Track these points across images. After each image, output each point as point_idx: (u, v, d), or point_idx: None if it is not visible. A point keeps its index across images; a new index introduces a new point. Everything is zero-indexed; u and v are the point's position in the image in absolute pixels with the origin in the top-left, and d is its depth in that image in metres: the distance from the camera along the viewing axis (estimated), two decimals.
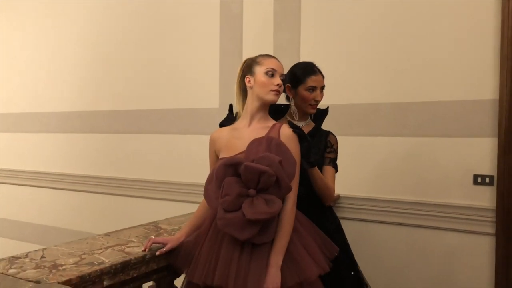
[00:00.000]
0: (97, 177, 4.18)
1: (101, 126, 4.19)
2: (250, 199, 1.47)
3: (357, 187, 2.99)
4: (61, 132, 4.46)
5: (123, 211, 3.95)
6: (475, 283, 2.64)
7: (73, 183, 4.34)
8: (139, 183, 3.92)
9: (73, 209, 4.32)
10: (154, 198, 3.80)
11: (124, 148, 4.06)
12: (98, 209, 4.14)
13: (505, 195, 2.51)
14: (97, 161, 4.22)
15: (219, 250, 1.52)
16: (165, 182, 3.78)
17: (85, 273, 1.30)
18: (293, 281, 1.52)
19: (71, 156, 4.40)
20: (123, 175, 4.03)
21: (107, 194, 4.11)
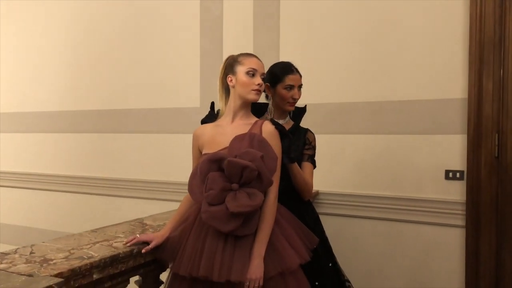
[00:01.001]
0: (80, 177, 4.17)
1: (85, 126, 4.18)
2: (233, 193, 1.54)
3: (335, 183, 3.09)
4: (45, 132, 4.43)
5: (107, 211, 3.96)
6: (447, 273, 2.78)
7: (57, 184, 4.31)
8: (122, 183, 3.94)
9: (57, 210, 4.29)
10: (137, 197, 3.82)
11: (107, 148, 4.07)
12: (81, 209, 4.12)
13: (474, 189, 2.65)
14: (81, 161, 4.21)
15: (203, 243, 1.59)
16: (148, 181, 3.81)
17: (75, 267, 1.34)
18: (275, 271, 1.59)
19: (55, 157, 4.37)
20: (106, 174, 4.04)
21: (91, 194, 4.10)
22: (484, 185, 2.63)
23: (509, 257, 2.60)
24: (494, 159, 2.62)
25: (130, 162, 3.95)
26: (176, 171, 3.59)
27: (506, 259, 2.61)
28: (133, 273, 1.68)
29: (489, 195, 2.63)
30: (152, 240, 1.66)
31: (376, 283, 2.97)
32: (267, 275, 1.58)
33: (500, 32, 2.63)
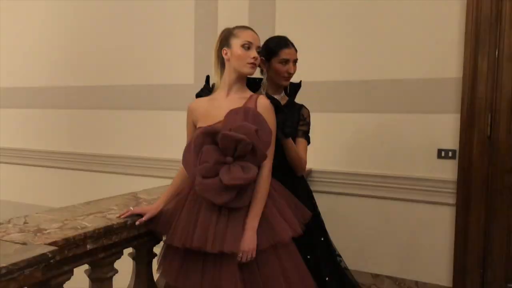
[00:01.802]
0: (70, 153, 4.16)
1: (75, 102, 4.15)
2: (227, 166, 1.54)
3: (329, 161, 3.11)
4: (33, 108, 4.39)
5: (98, 187, 3.96)
6: (437, 249, 2.83)
7: (45, 160, 4.30)
8: (114, 159, 3.93)
9: (48, 186, 4.29)
10: (129, 174, 3.82)
11: (98, 124, 4.05)
12: (73, 186, 4.13)
13: (466, 168, 2.68)
14: (70, 137, 4.19)
15: (197, 215, 1.60)
16: (140, 158, 3.80)
17: (69, 236, 1.35)
18: (268, 243, 1.61)
19: (44, 132, 4.34)
20: (99, 151, 4.03)
21: (84, 171, 4.10)
22: (476, 164, 2.66)
23: (497, 235, 2.65)
24: (486, 139, 2.64)
25: (123, 138, 3.93)
26: (169, 148, 3.59)
27: (494, 237, 2.66)
28: (127, 245, 1.69)
29: (480, 174, 2.66)
30: (146, 213, 1.67)
31: (367, 259, 3.03)
32: (260, 247, 1.60)
33: (497, 11, 2.61)
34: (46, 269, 1.32)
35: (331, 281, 1.93)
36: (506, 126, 2.60)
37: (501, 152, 2.62)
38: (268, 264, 1.62)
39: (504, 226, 2.64)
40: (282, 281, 1.61)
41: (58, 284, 1.41)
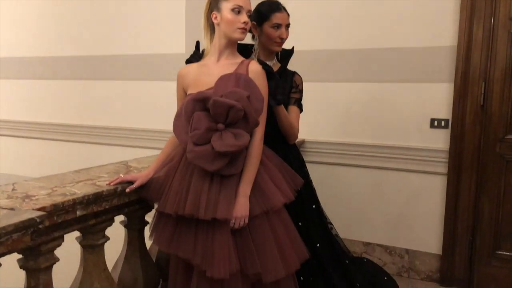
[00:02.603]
0: (60, 124, 4.11)
1: (64, 72, 4.07)
2: (219, 133, 1.52)
3: (322, 131, 3.10)
4: (22, 79, 4.30)
5: (89, 159, 3.93)
6: (428, 218, 2.87)
7: (35, 131, 4.25)
8: (105, 130, 3.89)
9: (36, 158, 4.25)
10: (120, 145, 3.80)
11: (88, 95, 3.99)
12: (62, 157, 4.09)
13: (458, 137, 2.68)
14: (60, 108, 4.14)
15: (189, 182, 1.58)
16: (131, 129, 3.77)
17: (58, 202, 1.33)
18: (260, 210, 1.61)
19: (33, 103, 4.28)
20: (87, 122, 3.98)
21: (72, 142, 4.06)
22: (468, 134, 2.67)
23: (487, 203, 2.68)
24: (479, 108, 2.64)
25: (114, 109, 3.88)
26: (161, 119, 3.55)
27: (484, 206, 2.69)
28: (118, 212, 1.68)
29: (472, 144, 2.67)
30: (136, 180, 1.65)
31: (359, 228, 3.06)
32: (252, 213, 1.60)
33: None
34: (36, 234, 1.32)
35: (322, 247, 1.95)
36: (499, 95, 2.59)
37: (494, 121, 2.62)
38: (261, 230, 1.62)
39: (494, 195, 2.66)
40: (274, 247, 1.62)
41: (49, 250, 1.41)
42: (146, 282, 1.89)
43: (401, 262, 2.97)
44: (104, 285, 1.66)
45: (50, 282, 1.45)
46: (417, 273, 2.93)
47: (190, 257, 1.58)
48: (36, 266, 1.39)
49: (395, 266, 2.98)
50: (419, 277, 2.92)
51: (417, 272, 2.93)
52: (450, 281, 2.81)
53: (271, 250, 1.62)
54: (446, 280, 2.81)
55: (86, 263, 1.65)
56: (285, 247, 1.66)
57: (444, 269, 2.82)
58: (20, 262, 1.40)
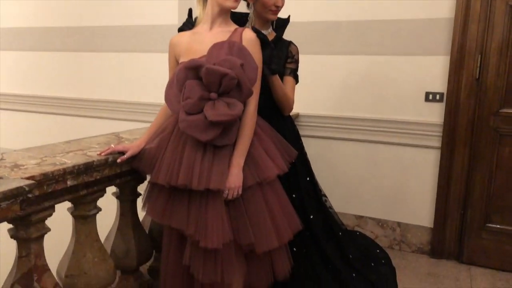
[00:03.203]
0: (49, 97, 4.04)
1: (55, 44, 3.97)
2: (211, 102, 1.49)
3: (316, 105, 3.08)
4: (11, 50, 4.20)
5: (80, 132, 3.85)
6: (421, 191, 2.88)
7: (24, 104, 4.18)
8: (96, 103, 3.84)
9: (25, 131, 4.18)
10: (112, 119, 3.75)
11: (79, 67, 3.91)
12: (51, 130, 4.03)
13: (452, 111, 2.67)
14: (50, 80, 4.06)
15: (182, 152, 1.56)
16: (123, 102, 3.72)
17: (48, 171, 1.31)
18: (253, 181, 1.60)
19: (22, 75, 4.19)
20: (78, 95, 3.92)
21: (62, 115, 4.00)
22: (463, 107, 2.65)
23: (479, 177, 2.70)
24: (475, 81, 2.62)
25: (105, 82, 3.82)
26: (154, 92, 3.50)
27: (476, 180, 2.71)
28: (109, 183, 1.66)
29: (466, 117, 2.66)
30: (127, 150, 1.62)
31: (352, 202, 3.08)
32: (245, 184, 1.59)
33: None
34: (26, 204, 1.30)
35: (315, 219, 1.95)
36: (495, 68, 2.57)
37: (489, 95, 2.60)
38: (254, 201, 1.62)
39: (486, 169, 2.67)
40: (267, 218, 1.62)
41: (40, 220, 1.39)
42: (139, 253, 1.89)
43: (392, 235, 3.00)
44: (97, 255, 1.66)
45: (41, 252, 1.44)
46: (408, 246, 2.96)
47: (183, 227, 1.57)
48: (27, 236, 1.38)
49: (387, 239, 3.01)
50: (410, 249, 2.96)
51: (408, 245, 2.96)
52: (441, 253, 2.85)
53: (264, 221, 1.61)
54: (437, 253, 2.85)
55: (78, 234, 1.64)
56: (278, 218, 1.65)
57: (435, 241, 2.85)
58: (10, 232, 1.39)
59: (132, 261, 1.88)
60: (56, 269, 1.65)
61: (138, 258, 1.89)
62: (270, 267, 1.72)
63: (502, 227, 2.68)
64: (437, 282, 2.57)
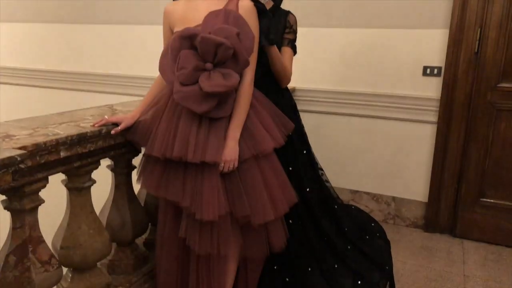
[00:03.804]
0: (41, 70, 3.97)
1: (48, 15, 3.87)
2: (207, 73, 1.46)
3: (313, 79, 3.04)
4: (3, 22, 4.10)
5: (71, 106, 3.81)
6: (416, 166, 2.89)
7: (15, 77, 4.11)
8: (91, 77, 3.78)
9: (16, 104, 4.13)
10: (105, 92, 3.70)
11: (71, 39, 3.83)
12: (43, 104, 3.98)
13: (450, 85, 2.65)
14: (42, 52, 3.98)
15: (177, 124, 1.54)
16: (116, 76, 3.66)
17: (40, 142, 1.28)
18: (249, 154, 1.58)
19: (13, 47, 4.10)
20: (71, 68, 3.85)
21: (53, 88, 3.95)
22: (460, 82, 2.63)
23: (474, 152, 2.70)
24: (473, 55, 2.59)
25: (100, 55, 3.75)
26: (150, 66, 3.41)
27: (471, 154, 2.71)
28: (103, 155, 1.64)
29: (463, 92, 2.64)
30: (121, 122, 1.60)
31: (348, 177, 3.09)
32: (242, 157, 1.57)
33: None
34: (18, 175, 1.28)
35: (311, 192, 1.95)
36: (494, 42, 2.54)
37: (487, 69, 2.58)
38: (250, 174, 1.60)
39: (482, 144, 2.68)
40: (263, 190, 1.61)
41: (33, 191, 1.37)
42: (135, 225, 1.89)
43: (387, 210, 3.02)
44: (92, 227, 1.65)
45: (36, 223, 1.43)
46: (403, 220, 2.99)
47: (179, 200, 1.56)
48: (20, 207, 1.36)
49: (381, 213, 3.03)
50: (404, 223, 2.99)
51: (403, 219, 2.99)
52: (434, 227, 2.88)
53: (260, 193, 1.61)
54: (430, 227, 2.88)
55: (72, 206, 1.63)
56: (274, 191, 1.65)
57: (429, 216, 2.88)
58: (4, 203, 1.38)
59: (128, 233, 1.88)
60: (51, 241, 1.64)
61: (133, 231, 1.89)
62: (266, 239, 1.72)
63: (496, 202, 2.70)
64: (430, 255, 2.61)
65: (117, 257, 1.92)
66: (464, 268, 2.46)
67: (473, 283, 2.31)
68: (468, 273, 2.42)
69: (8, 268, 1.38)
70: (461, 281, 2.33)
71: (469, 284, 2.31)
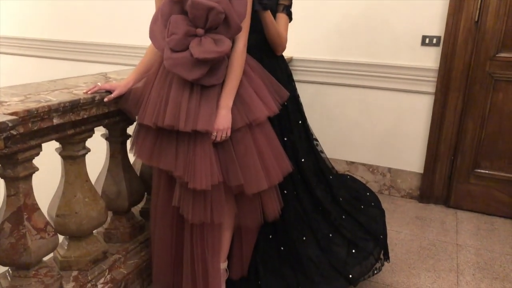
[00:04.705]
0: (35, 39, 3.91)
1: None
2: (197, 38, 1.43)
3: (310, 49, 3.00)
4: None
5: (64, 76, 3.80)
6: (413, 137, 2.89)
7: (6, 46, 4.05)
8: (82, 46, 3.73)
9: (8, 74, 4.08)
10: (99, 62, 3.66)
11: (69, 9, 3.76)
12: (36, 73, 3.93)
13: (449, 55, 2.62)
14: (36, 22, 3.91)
15: (168, 92, 1.52)
16: (111, 45, 3.61)
17: (32, 108, 1.28)
18: (242, 122, 1.57)
19: (7, 17, 4.03)
20: (64, 37, 3.80)
21: (47, 58, 3.90)
22: (459, 51, 2.60)
23: (471, 123, 2.70)
24: (473, 24, 2.55)
25: (96, 24, 3.68)
26: (143, 34, 3.38)
27: (468, 125, 2.71)
28: (97, 123, 1.64)
29: (462, 62, 2.61)
30: (115, 89, 1.58)
31: (344, 148, 3.09)
32: (234, 126, 1.56)
33: None
34: (11, 141, 1.28)
35: (306, 162, 1.94)
36: (495, 11, 2.49)
37: (487, 39, 2.54)
38: (243, 143, 1.59)
39: (479, 115, 2.67)
40: (257, 160, 1.61)
41: (27, 159, 1.38)
42: (130, 194, 1.90)
43: (382, 181, 3.04)
44: (87, 196, 1.67)
45: (30, 191, 1.44)
46: (398, 191, 3.01)
47: (172, 169, 1.56)
48: (14, 175, 1.37)
49: (377, 184, 3.05)
50: (399, 194, 3.01)
51: (398, 190, 3.01)
52: (429, 198, 2.90)
53: (254, 162, 1.60)
54: (425, 198, 2.91)
55: (67, 175, 1.64)
56: (268, 160, 1.65)
57: (424, 187, 2.90)
58: None
59: (124, 202, 1.89)
60: (46, 211, 1.66)
61: (129, 199, 1.90)
62: (260, 208, 1.73)
63: (490, 173, 2.71)
64: (424, 225, 2.64)
65: (113, 225, 1.94)
66: (457, 238, 2.50)
67: (465, 252, 2.35)
68: (461, 242, 2.45)
69: (3, 235, 1.40)
70: (453, 250, 2.37)
71: (461, 253, 2.34)
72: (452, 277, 2.12)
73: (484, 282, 2.09)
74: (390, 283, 2.06)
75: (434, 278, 2.11)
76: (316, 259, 1.89)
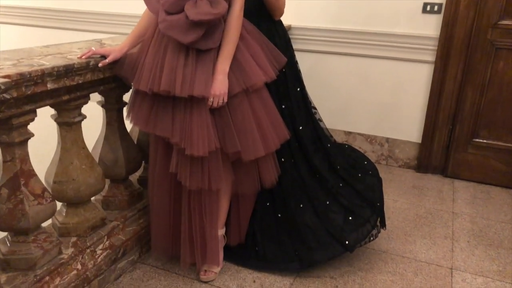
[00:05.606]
0: (28, 8, 3.83)
1: None
2: (193, 0, 1.40)
3: (309, 17, 2.95)
4: None
5: None
6: (412, 106, 2.88)
7: (9, 16, 3.97)
8: (81, 15, 3.66)
9: (8, 45, 4.02)
10: (98, 31, 3.59)
11: None
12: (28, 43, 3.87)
13: (450, 23, 2.58)
14: None
15: (163, 57, 1.50)
16: (110, 14, 3.54)
17: (25, 71, 1.25)
18: (239, 88, 1.56)
19: None
20: (58, 5, 3.71)
21: (41, 27, 3.83)
22: (461, 19, 2.56)
23: (470, 92, 2.68)
24: None
25: None
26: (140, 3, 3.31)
27: (467, 94, 2.69)
28: (93, 89, 1.61)
29: (463, 30, 2.57)
30: (109, 54, 1.55)
31: (342, 118, 3.07)
32: (231, 92, 1.55)
33: None
34: (5, 106, 1.26)
35: (304, 130, 1.93)
36: None
37: (489, 5, 2.49)
38: (240, 109, 1.59)
39: (478, 83, 2.64)
40: (254, 126, 1.60)
41: (21, 125, 1.36)
42: (127, 162, 1.89)
43: (380, 150, 3.04)
44: (84, 163, 1.66)
45: (26, 157, 1.44)
46: (395, 161, 3.02)
47: (168, 135, 1.56)
48: (9, 140, 1.36)
49: (375, 154, 3.05)
50: (397, 164, 3.02)
51: (396, 160, 3.02)
52: (426, 168, 2.91)
53: (251, 129, 1.60)
54: (422, 167, 2.92)
55: (63, 142, 1.63)
56: (265, 127, 1.64)
57: (422, 156, 2.90)
58: None
59: (121, 169, 1.89)
60: (43, 177, 1.66)
61: (126, 167, 1.90)
62: (257, 175, 1.74)
63: (488, 142, 2.71)
64: (420, 194, 2.66)
65: (111, 193, 1.94)
66: (453, 206, 2.52)
67: (461, 220, 2.38)
68: (457, 210, 2.47)
69: (1, 201, 1.40)
70: (449, 217, 2.39)
71: (457, 220, 2.37)
72: (447, 243, 2.15)
73: (479, 248, 2.12)
74: (386, 250, 2.09)
75: (429, 245, 2.14)
76: (313, 226, 1.91)
